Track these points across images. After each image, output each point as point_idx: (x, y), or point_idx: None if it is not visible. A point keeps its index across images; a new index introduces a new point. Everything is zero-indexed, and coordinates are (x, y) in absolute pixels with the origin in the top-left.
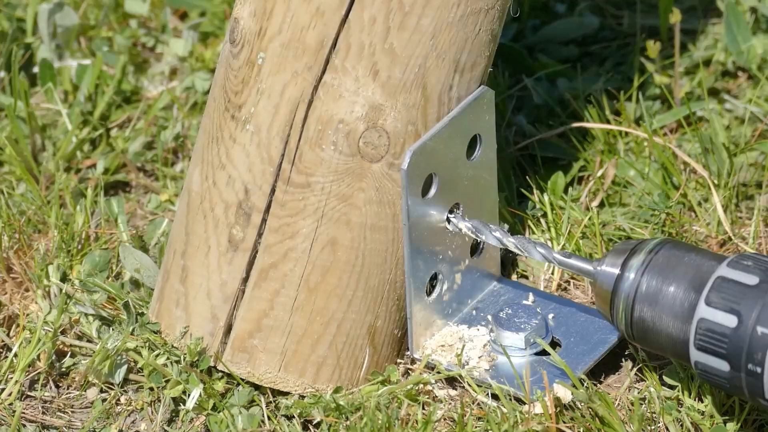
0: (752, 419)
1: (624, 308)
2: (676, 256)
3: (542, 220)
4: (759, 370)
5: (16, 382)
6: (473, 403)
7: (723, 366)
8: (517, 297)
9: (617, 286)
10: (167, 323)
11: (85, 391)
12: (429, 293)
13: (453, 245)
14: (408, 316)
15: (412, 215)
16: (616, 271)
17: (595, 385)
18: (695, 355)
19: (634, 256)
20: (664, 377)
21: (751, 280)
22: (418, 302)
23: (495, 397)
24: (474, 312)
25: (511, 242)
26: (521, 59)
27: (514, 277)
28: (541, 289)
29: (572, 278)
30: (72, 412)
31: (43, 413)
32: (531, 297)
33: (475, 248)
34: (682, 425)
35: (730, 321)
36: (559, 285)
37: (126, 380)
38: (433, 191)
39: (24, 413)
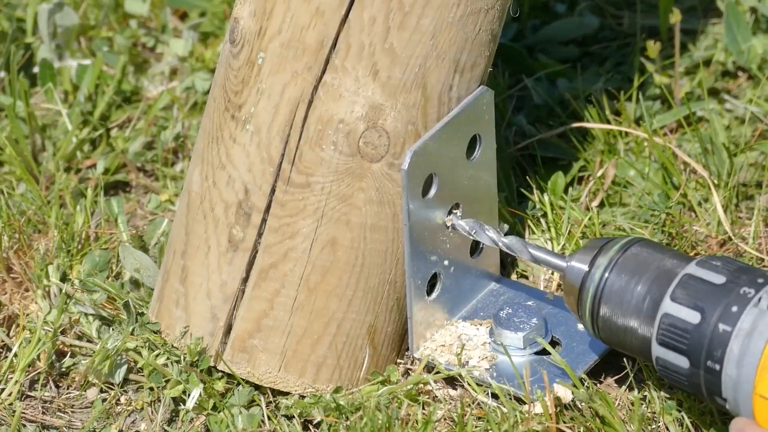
0: None
1: (590, 305)
2: (645, 255)
3: (542, 220)
4: (717, 367)
5: (16, 382)
6: (473, 403)
7: (683, 362)
8: (517, 296)
9: (584, 282)
10: (167, 323)
11: (85, 391)
12: (429, 293)
13: (452, 245)
14: (408, 316)
15: (413, 215)
16: (585, 267)
17: (596, 384)
18: (656, 351)
19: (603, 253)
20: None
21: (718, 279)
22: (418, 302)
23: (495, 396)
24: (474, 312)
25: (487, 237)
26: (521, 59)
27: (513, 276)
28: (541, 288)
29: None
30: (72, 412)
31: (43, 413)
32: (530, 301)
33: (475, 248)
34: (682, 425)
35: (693, 317)
36: (559, 285)
37: (126, 380)
38: (433, 191)
39: (24, 413)
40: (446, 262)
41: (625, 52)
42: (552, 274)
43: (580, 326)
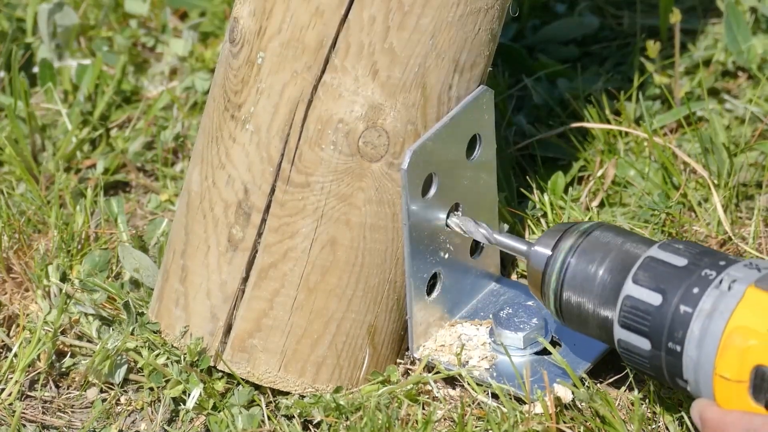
0: None
1: (553, 290)
2: (608, 239)
3: (542, 220)
4: (678, 348)
5: (16, 382)
6: (473, 403)
7: (644, 344)
8: (517, 296)
9: (547, 267)
10: (167, 323)
11: (85, 391)
12: (429, 293)
13: (452, 245)
14: (408, 316)
15: (412, 215)
16: (548, 252)
17: (596, 384)
18: (618, 333)
19: (565, 237)
20: None
21: (680, 261)
22: (418, 302)
23: (495, 396)
24: (474, 312)
25: (453, 222)
26: (521, 59)
27: (514, 276)
28: None
29: None
30: (72, 412)
31: (43, 413)
32: (531, 302)
33: (475, 248)
34: (682, 425)
35: (654, 299)
36: None
37: (126, 380)
38: (432, 191)
39: (24, 413)
40: (446, 262)
41: (625, 52)
42: None
43: None
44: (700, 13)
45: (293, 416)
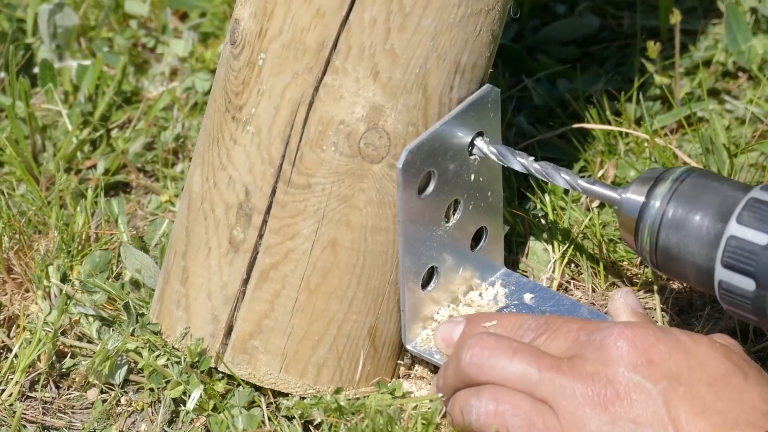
0: None
1: (649, 236)
2: (703, 184)
3: (543, 221)
4: None
5: (17, 382)
6: None
7: (748, 285)
8: (518, 291)
9: (642, 214)
10: (168, 324)
11: (86, 391)
12: (425, 287)
13: (451, 239)
14: (401, 309)
15: (409, 213)
16: (642, 198)
17: None
18: (720, 274)
19: (659, 184)
20: None
21: None
22: (411, 296)
23: None
24: (472, 306)
25: (534, 168)
26: (521, 60)
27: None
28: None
29: (573, 278)
30: (72, 412)
31: (44, 414)
32: (529, 296)
33: (477, 242)
34: None
35: (760, 239)
36: (560, 285)
37: (126, 381)
38: (431, 188)
39: (24, 414)
40: (443, 257)
41: (625, 52)
42: (553, 272)
43: None
44: (701, 13)
45: (294, 417)
